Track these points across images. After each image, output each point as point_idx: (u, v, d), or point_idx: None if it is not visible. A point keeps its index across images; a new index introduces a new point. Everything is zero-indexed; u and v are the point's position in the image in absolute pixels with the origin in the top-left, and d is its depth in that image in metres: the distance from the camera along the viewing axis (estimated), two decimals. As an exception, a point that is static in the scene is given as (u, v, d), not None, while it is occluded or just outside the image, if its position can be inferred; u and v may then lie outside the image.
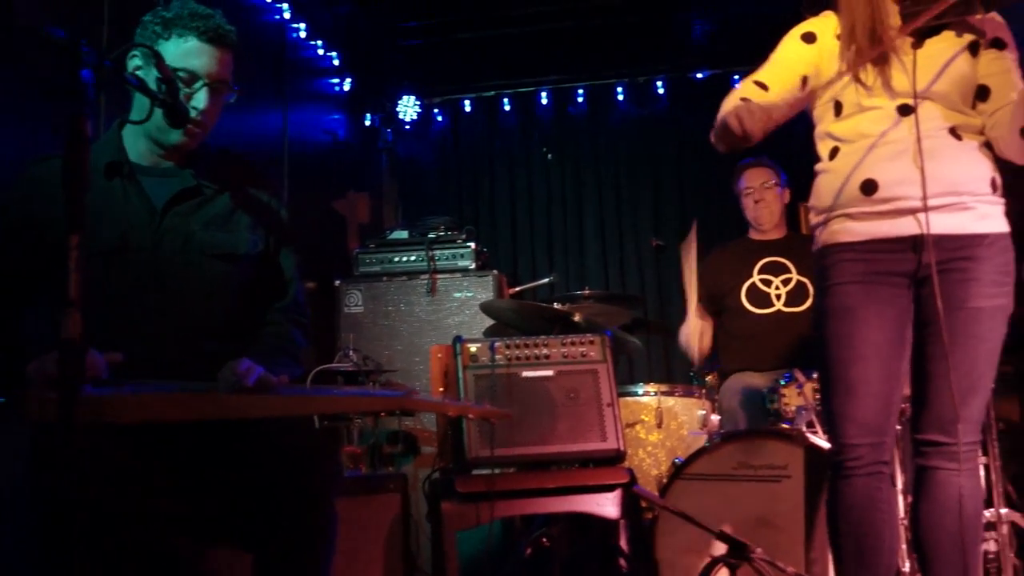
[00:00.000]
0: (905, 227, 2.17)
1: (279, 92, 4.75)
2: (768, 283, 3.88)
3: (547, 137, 6.02)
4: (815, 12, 2.31)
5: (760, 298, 3.87)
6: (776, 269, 3.89)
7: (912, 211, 2.15)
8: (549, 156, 5.80)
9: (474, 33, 5.62)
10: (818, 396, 3.12)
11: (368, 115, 5.89)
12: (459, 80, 6.01)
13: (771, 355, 3.74)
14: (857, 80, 2.20)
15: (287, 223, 2.36)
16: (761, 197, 3.96)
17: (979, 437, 2.23)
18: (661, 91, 5.96)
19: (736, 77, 5.78)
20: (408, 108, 5.86)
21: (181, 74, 2.03)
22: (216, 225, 2.15)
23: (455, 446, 3.01)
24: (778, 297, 3.85)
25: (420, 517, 3.46)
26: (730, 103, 2.22)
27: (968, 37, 2.19)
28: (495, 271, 4.53)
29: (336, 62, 5.34)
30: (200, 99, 2.07)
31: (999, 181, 2.22)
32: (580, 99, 6.05)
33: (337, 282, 4.54)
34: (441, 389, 3.28)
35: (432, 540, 3.02)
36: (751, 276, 3.90)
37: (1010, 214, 2.26)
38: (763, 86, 2.28)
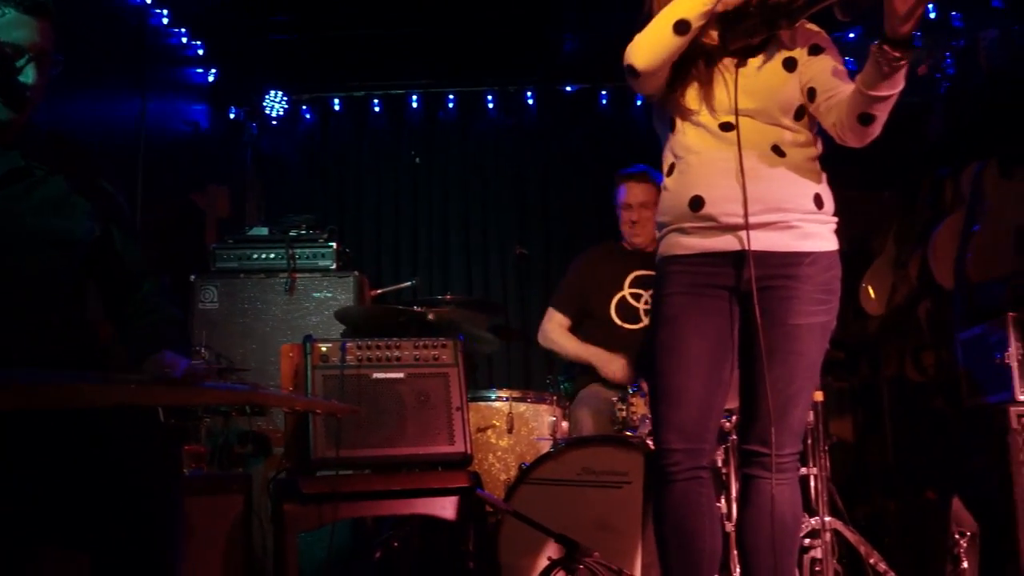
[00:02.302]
0: (727, 243, 2.23)
1: (138, 79, 4.60)
2: (638, 297, 3.92)
3: (416, 141, 6.01)
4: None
5: (629, 313, 3.90)
6: (647, 283, 3.87)
7: (734, 228, 2.21)
8: (417, 160, 5.79)
9: (345, 32, 5.56)
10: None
11: (233, 108, 5.76)
12: (329, 78, 5.94)
13: (634, 369, 3.80)
14: (684, 98, 2.26)
15: (127, 211, 2.28)
16: (638, 217, 3.90)
17: (798, 448, 2.31)
18: (531, 102, 6.04)
19: (604, 92, 5.94)
20: (275, 103, 5.76)
21: (7, 49, 1.95)
22: (49, 210, 2.07)
23: (300, 447, 2.98)
24: (647, 312, 3.85)
25: (268, 519, 3.41)
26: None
27: (785, 52, 2.26)
28: (356, 272, 4.49)
29: (200, 52, 5.21)
30: (29, 74, 1.99)
31: (826, 197, 2.27)
32: (451, 105, 6.07)
33: (192, 277, 4.42)
34: (290, 389, 3.23)
35: (274, 541, 2.98)
36: (622, 290, 3.92)
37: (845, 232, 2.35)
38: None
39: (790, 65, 2.26)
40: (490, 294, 5.83)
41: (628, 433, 3.33)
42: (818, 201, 2.25)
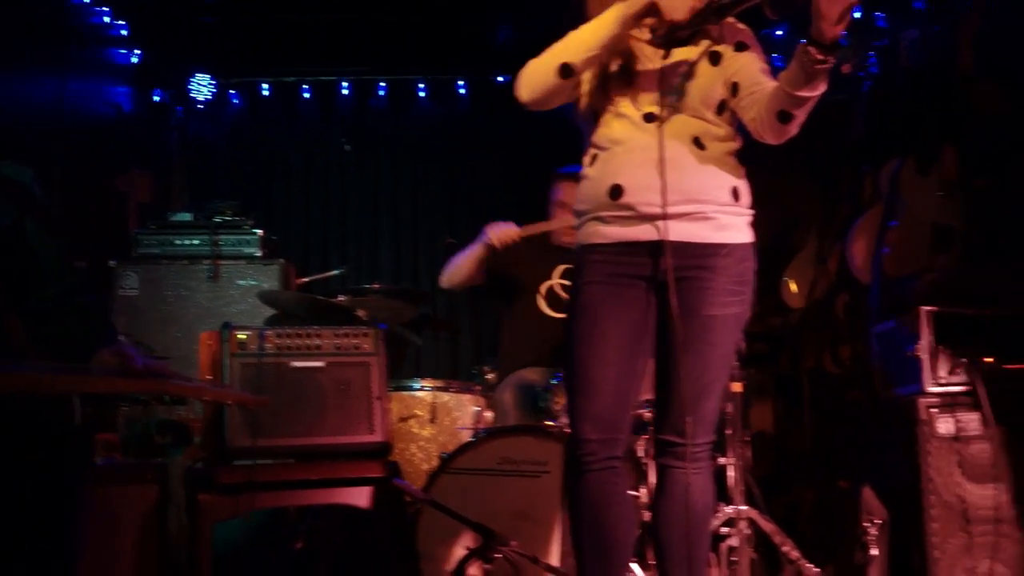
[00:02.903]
0: (645, 233, 2.23)
1: (58, 59, 4.48)
2: (568, 288, 3.90)
3: (347, 128, 5.95)
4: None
5: (559, 303, 3.88)
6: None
7: (652, 217, 2.22)
8: (347, 147, 5.74)
9: (275, 16, 5.49)
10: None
11: (157, 91, 5.64)
12: (258, 63, 5.85)
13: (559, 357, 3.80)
14: (608, 89, 2.27)
15: (42, 201, 2.21)
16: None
17: (712, 438, 2.32)
18: (463, 92, 6.02)
19: (536, 84, 5.92)
20: (202, 87, 5.65)
21: None
22: None
23: (216, 436, 2.94)
24: None
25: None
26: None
27: (710, 46, 2.28)
28: (282, 260, 4.44)
29: (124, 32, 5.09)
30: None
31: (743, 191, 2.30)
32: (382, 93, 6.02)
33: (112, 263, 4.32)
34: (209, 377, 3.18)
35: (189, 531, 2.94)
36: (551, 279, 3.90)
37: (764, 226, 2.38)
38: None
39: (715, 59, 2.28)
40: (419, 284, 5.81)
41: (549, 423, 3.34)
42: (735, 194, 2.28)
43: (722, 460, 3.45)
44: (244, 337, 3.04)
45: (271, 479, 2.86)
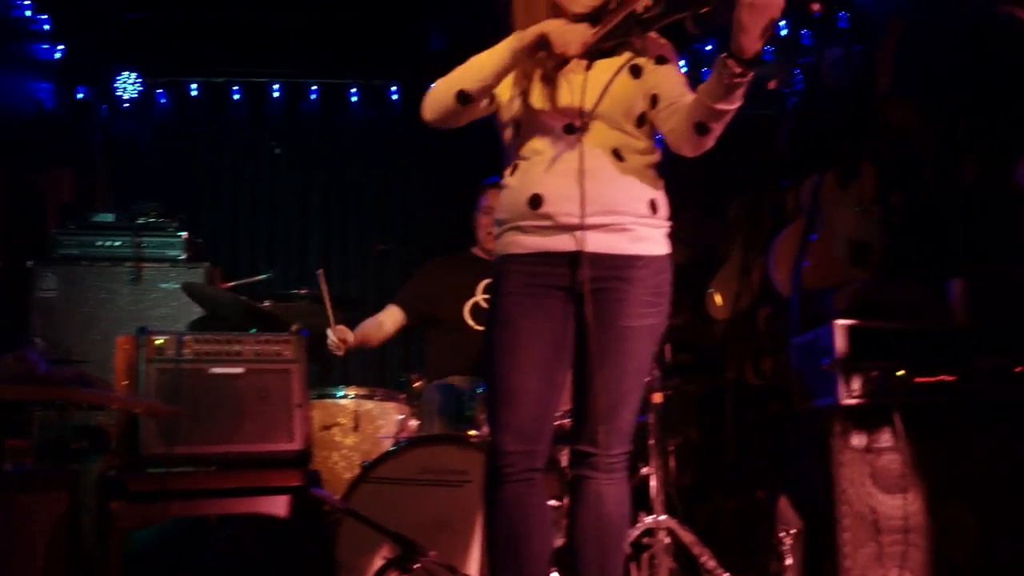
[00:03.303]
0: (563, 243, 2.24)
1: (-25, 52, 4.37)
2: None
3: (277, 131, 5.89)
4: (501, 40, 2.34)
5: (483, 316, 3.91)
6: None
7: (571, 228, 2.23)
8: (277, 150, 5.68)
9: (206, 15, 5.41)
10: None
11: (81, 88, 5.52)
12: (187, 62, 5.77)
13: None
14: (529, 100, 2.27)
15: None
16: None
17: (628, 448, 2.32)
18: (395, 97, 6.00)
19: (469, 91, 5.92)
20: (128, 85, 5.54)
21: None
22: None
23: (130, 443, 2.88)
24: None
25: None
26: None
27: (631, 58, 2.29)
28: (207, 263, 4.37)
29: (47, 27, 4.97)
30: None
31: (661, 203, 2.31)
32: (313, 96, 5.97)
33: (30, 263, 4.21)
34: (125, 383, 3.12)
35: (99, 540, 2.88)
36: (474, 295, 3.91)
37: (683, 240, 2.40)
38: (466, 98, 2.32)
39: (636, 72, 2.29)
40: (348, 290, 5.77)
41: (473, 432, 3.33)
42: (653, 206, 2.30)
43: (644, 470, 3.49)
44: (161, 342, 2.99)
45: (185, 487, 2.82)
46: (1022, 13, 2.29)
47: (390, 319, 4.03)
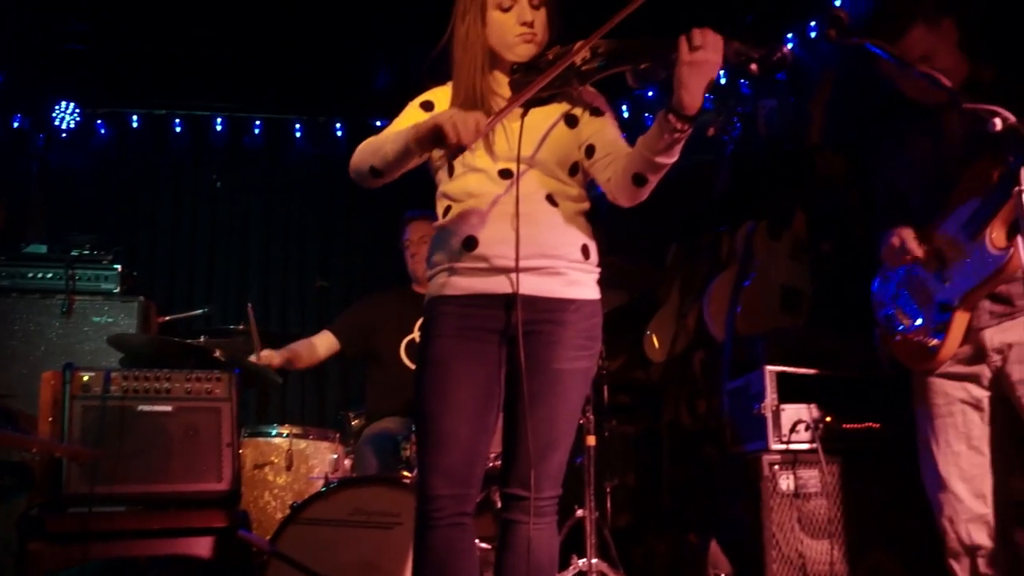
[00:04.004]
0: (497, 285, 2.25)
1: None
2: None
3: (219, 165, 5.86)
4: (439, 81, 2.39)
5: None
6: None
7: (505, 270, 2.24)
8: (218, 184, 5.64)
9: (149, 48, 5.37)
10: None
11: (17, 117, 5.44)
12: (128, 93, 5.71)
13: None
14: None
15: None
16: (417, 251, 3.98)
17: (558, 492, 2.32)
18: (340, 134, 6.00)
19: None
20: (66, 115, 5.47)
21: None
22: None
23: (52, 481, 2.82)
24: None
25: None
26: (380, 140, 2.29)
27: (568, 108, 2.33)
28: (142, 297, 4.30)
29: (-15, 55, 4.91)
30: None
31: (592, 249, 2.34)
32: (257, 131, 5.95)
33: (-44, 294, 4.12)
34: (49, 419, 3.05)
35: (18, 582, 2.80)
36: (411, 332, 3.91)
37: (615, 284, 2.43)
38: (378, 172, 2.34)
39: (572, 122, 2.33)
40: (288, 326, 5.72)
41: (405, 473, 3.31)
42: (585, 251, 2.33)
43: (579, 512, 3.49)
44: (88, 378, 2.94)
45: (107, 528, 2.76)
46: (940, 75, 2.38)
47: (323, 344, 4.01)
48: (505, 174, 2.28)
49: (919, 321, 2.67)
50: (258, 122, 5.94)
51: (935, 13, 2.60)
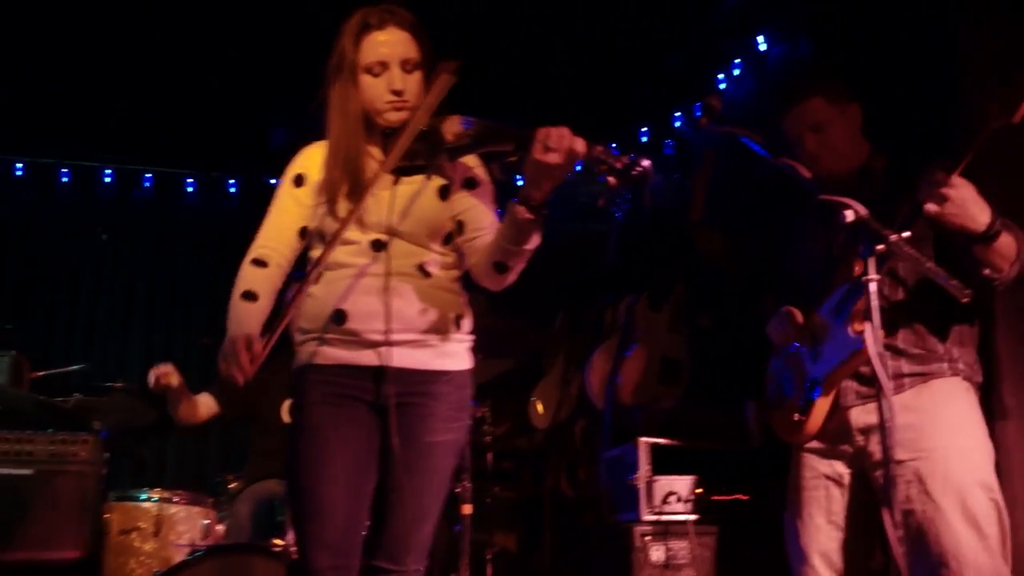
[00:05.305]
0: (367, 358, 2.24)
1: None
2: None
3: (106, 217, 5.73)
4: (308, 140, 2.36)
5: None
6: None
7: (375, 344, 2.23)
8: (104, 237, 5.51)
9: (35, 94, 5.25)
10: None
11: None
12: (13, 141, 5.56)
13: None
14: (335, 212, 2.26)
15: None
16: None
17: (425, 564, 2.29)
18: (233, 190, 5.94)
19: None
20: (-58, 161, 5.30)
21: None
22: None
23: None
24: None
25: None
26: (234, 295, 2.30)
27: (439, 181, 2.32)
28: (14, 351, 4.14)
29: None
30: None
31: (465, 317, 2.35)
32: (147, 184, 5.85)
33: None
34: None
35: None
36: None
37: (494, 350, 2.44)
38: (262, 263, 2.34)
39: (444, 193, 2.33)
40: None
41: (278, 541, 3.24)
42: (457, 322, 2.33)
43: (455, 580, 3.46)
44: (-59, 440, 2.82)
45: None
46: (800, 166, 2.49)
47: (204, 405, 3.92)
48: (377, 245, 2.27)
49: (791, 396, 2.75)
50: (148, 175, 5.84)
51: (840, 93, 2.64)
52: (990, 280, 2.36)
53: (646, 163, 2.10)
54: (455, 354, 2.33)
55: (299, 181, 2.36)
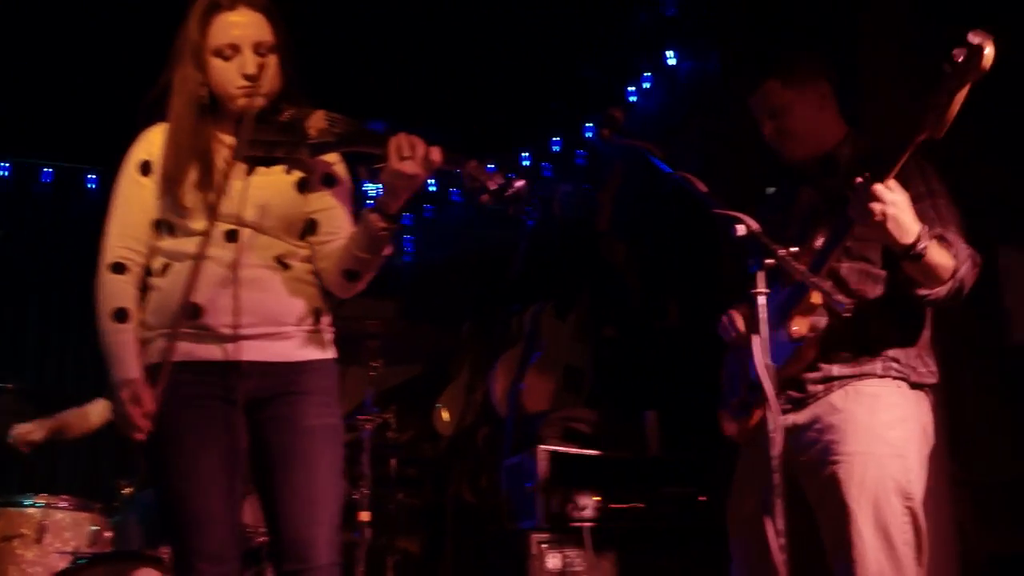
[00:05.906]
0: (223, 353, 2.14)
1: None
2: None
3: (2, 213, 5.52)
4: (151, 122, 2.24)
5: None
6: None
7: (231, 338, 2.14)
8: (1, 232, 5.30)
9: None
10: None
11: None
12: None
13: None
14: (183, 200, 2.15)
15: None
16: None
17: (337, 559, 2.19)
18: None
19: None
20: None
21: None
22: None
23: None
24: None
25: None
26: (103, 314, 2.19)
27: (298, 174, 2.23)
28: None
29: None
30: None
31: (325, 312, 2.27)
32: (47, 180, 5.66)
33: None
34: None
35: None
36: None
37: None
38: (121, 268, 2.19)
39: (303, 187, 2.24)
40: (65, 385, 5.40)
41: (165, 549, 3.16)
42: (316, 315, 2.25)
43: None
44: None
45: None
46: (696, 180, 2.50)
47: (96, 412, 3.79)
48: (231, 236, 2.16)
49: (734, 397, 2.72)
50: (48, 170, 5.64)
51: (801, 73, 2.52)
52: (921, 298, 2.30)
53: (519, 184, 2.10)
54: (317, 343, 2.25)
55: (145, 169, 2.23)
